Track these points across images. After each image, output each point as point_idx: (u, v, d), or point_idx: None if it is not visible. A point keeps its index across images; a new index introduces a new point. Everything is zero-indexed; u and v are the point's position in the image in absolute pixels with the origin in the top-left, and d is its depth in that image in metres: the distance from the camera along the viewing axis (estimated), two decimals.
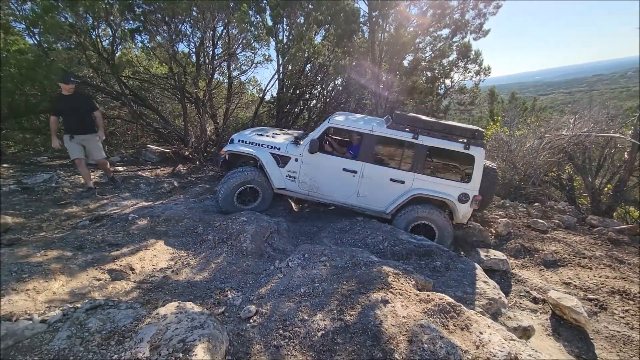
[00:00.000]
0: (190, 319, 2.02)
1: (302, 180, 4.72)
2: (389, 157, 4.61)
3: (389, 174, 4.53)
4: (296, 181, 4.73)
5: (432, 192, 4.44)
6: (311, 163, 4.64)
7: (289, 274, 2.91)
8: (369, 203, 4.67)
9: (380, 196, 4.59)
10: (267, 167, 4.64)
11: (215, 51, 7.73)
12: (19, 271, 2.62)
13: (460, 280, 3.30)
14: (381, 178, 4.53)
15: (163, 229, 3.90)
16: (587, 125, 7.39)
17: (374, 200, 4.63)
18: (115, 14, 6.34)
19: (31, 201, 4.39)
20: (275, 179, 4.68)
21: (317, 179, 4.69)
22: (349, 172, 4.58)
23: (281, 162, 4.71)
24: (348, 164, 4.59)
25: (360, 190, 4.62)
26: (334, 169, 4.61)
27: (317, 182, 4.70)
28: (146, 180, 5.93)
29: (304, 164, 4.65)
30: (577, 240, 5.11)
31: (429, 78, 9.86)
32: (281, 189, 4.76)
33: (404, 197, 4.48)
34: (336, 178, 4.62)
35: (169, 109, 9.53)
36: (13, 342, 1.85)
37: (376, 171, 4.54)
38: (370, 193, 4.61)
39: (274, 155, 4.71)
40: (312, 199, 4.82)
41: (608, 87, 64.36)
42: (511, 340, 2.19)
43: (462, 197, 4.40)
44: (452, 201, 4.41)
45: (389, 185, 4.53)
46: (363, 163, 4.55)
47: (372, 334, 2.09)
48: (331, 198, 4.75)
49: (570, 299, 3.44)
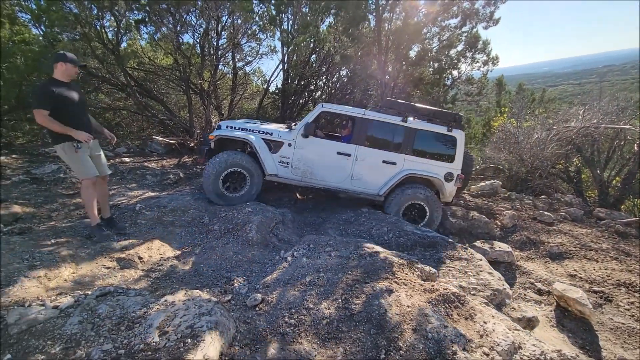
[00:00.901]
0: (198, 306, 2.05)
1: (296, 166, 4.67)
2: (381, 140, 4.77)
3: (381, 156, 4.71)
4: (289, 167, 4.67)
5: (422, 171, 4.72)
6: (305, 147, 4.63)
7: (294, 264, 2.94)
8: (362, 186, 4.77)
9: (374, 178, 4.76)
10: (260, 152, 4.51)
11: (220, 42, 7.71)
12: (30, 259, 2.67)
13: (464, 271, 3.31)
14: (374, 160, 4.71)
15: (170, 219, 3.94)
16: (596, 117, 7.27)
17: (367, 183, 4.76)
18: (120, 4, 6.31)
19: (40, 191, 4.46)
20: (268, 164, 4.56)
21: (311, 163, 4.67)
22: (343, 155, 4.67)
23: (273, 148, 4.62)
24: (342, 148, 4.69)
25: (354, 173, 4.72)
26: (328, 152, 4.67)
27: (311, 167, 4.68)
28: (152, 172, 5.97)
29: (297, 148, 4.62)
30: (584, 232, 5.07)
31: (436, 69, 9.72)
32: (273, 175, 4.63)
33: (396, 177, 4.70)
34: (330, 162, 4.67)
35: (174, 100, 9.54)
36: (27, 326, 1.90)
37: (369, 153, 4.69)
38: (364, 175, 4.74)
39: (265, 141, 4.60)
40: (305, 184, 4.75)
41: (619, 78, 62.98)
42: (515, 330, 2.21)
43: (447, 176, 4.75)
44: (440, 179, 4.72)
45: (381, 167, 4.72)
46: (357, 146, 4.68)
47: (376, 322, 2.12)
48: (325, 183, 4.74)
49: (576, 290, 3.44)
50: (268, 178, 4.66)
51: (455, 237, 4.89)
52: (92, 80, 7.47)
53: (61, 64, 3.08)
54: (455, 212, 5.41)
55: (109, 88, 7.98)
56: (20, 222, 3.52)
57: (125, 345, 1.76)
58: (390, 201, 4.73)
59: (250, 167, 4.53)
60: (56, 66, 3.09)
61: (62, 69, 3.09)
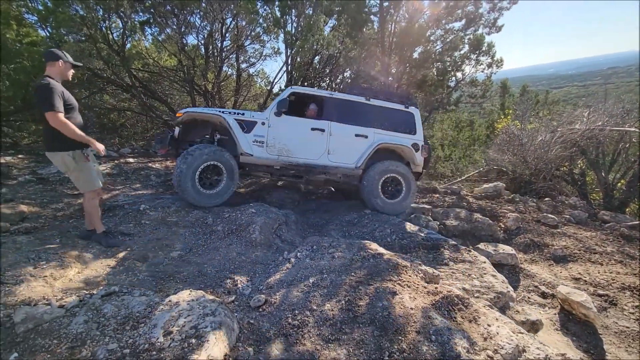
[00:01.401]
0: (202, 306, 2.06)
1: (271, 144, 4.62)
2: (351, 116, 5.00)
3: (353, 130, 4.94)
4: (264, 146, 4.59)
5: (393, 141, 5.07)
6: (279, 126, 4.64)
7: (297, 265, 2.94)
8: (339, 160, 4.89)
9: (349, 152, 4.94)
10: (234, 129, 4.40)
11: (224, 43, 7.75)
12: (36, 258, 2.70)
13: (468, 273, 3.30)
14: (347, 134, 4.91)
15: (174, 219, 3.96)
16: (601, 119, 7.23)
17: (343, 156, 4.91)
18: (125, 5, 6.36)
19: (46, 191, 4.50)
20: (243, 143, 4.45)
21: (286, 141, 4.68)
22: (317, 130, 4.78)
23: (246, 128, 4.54)
24: (316, 124, 4.81)
25: (330, 147, 4.83)
26: (303, 129, 4.76)
27: (287, 145, 4.68)
28: (156, 172, 6.01)
29: (271, 127, 4.61)
30: (588, 235, 5.04)
31: (440, 71, 9.71)
32: (248, 155, 4.50)
33: (370, 148, 4.93)
34: (306, 138, 4.75)
35: (177, 101, 9.60)
36: (33, 325, 1.92)
37: (342, 128, 4.90)
38: (340, 149, 4.88)
39: (238, 122, 4.50)
40: (282, 163, 4.70)
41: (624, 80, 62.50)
42: (519, 333, 2.20)
43: (414, 146, 5.18)
44: (410, 148, 5.11)
45: (355, 141, 4.94)
46: (329, 122, 4.85)
47: (380, 324, 2.12)
48: (303, 160, 4.76)
49: (580, 294, 3.42)
50: (243, 160, 4.56)
51: (458, 240, 4.87)
52: (98, 81, 7.53)
53: (62, 63, 2.84)
54: (459, 214, 5.40)
55: (113, 89, 8.05)
56: (27, 222, 3.55)
57: (130, 345, 1.77)
58: (368, 175, 4.91)
59: (228, 159, 4.37)
60: (54, 64, 2.81)
61: (60, 68, 2.84)
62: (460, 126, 13.86)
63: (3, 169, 4.81)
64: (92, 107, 8.31)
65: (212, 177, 4.38)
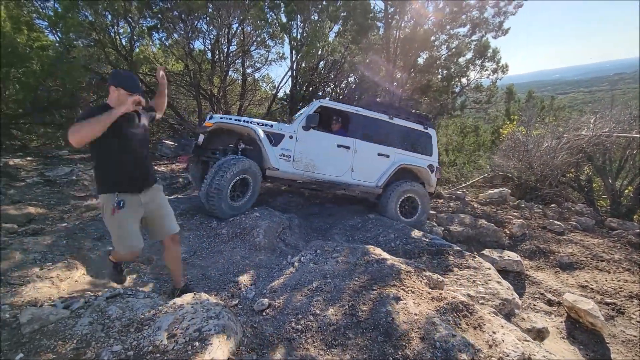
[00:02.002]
0: (206, 309, 2.07)
1: (298, 159, 4.53)
2: (374, 134, 5.04)
3: (376, 149, 4.99)
4: (291, 160, 4.49)
5: (413, 163, 5.15)
6: (307, 140, 4.59)
7: (301, 269, 2.94)
8: (361, 178, 4.91)
9: (371, 170, 4.98)
10: (264, 142, 4.27)
11: (230, 48, 7.84)
12: (42, 259, 2.73)
13: (473, 280, 3.27)
14: (370, 153, 4.96)
15: (178, 222, 3.97)
16: (608, 125, 7.17)
17: (366, 175, 4.93)
18: (133, 11, 6.47)
19: (53, 193, 4.55)
20: (272, 157, 4.34)
21: (313, 156, 4.63)
22: (343, 147, 4.78)
23: (274, 141, 4.42)
24: (342, 140, 4.80)
25: (354, 165, 4.84)
26: (329, 145, 4.75)
27: (313, 160, 4.63)
28: (162, 175, 6.06)
29: (299, 141, 4.55)
30: (595, 242, 4.98)
31: (445, 76, 9.71)
32: (274, 169, 4.39)
33: (391, 168, 5.02)
34: (332, 154, 4.74)
35: (184, 105, 9.71)
36: (39, 326, 1.94)
37: (366, 147, 4.92)
38: (363, 168, 4.90)
39: (266, 133, 4.37)
40: (306, 179, 4.63)
41: (630, 86, 62.01)
42: (525, 341, 2.17)
43: (430, 167, 5.27)
44: (427, 169, 5.20)
45: (377, 160, 5.00)
46: (354, 139, 4.84)
47: (383, 329, 2.10)
48: (326, 177, 4.73)
49: (587, 302, 3.37)
50: (269, 174, 4.43)
51: (463, 245, 4.83)
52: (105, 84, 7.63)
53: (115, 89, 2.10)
54: (463, 220, 5.37)
55: None
56: (34, 223, 3.59)
57: (134, 347, 1.78)
58: (388, 195, 4.93)
59: (256, 172, 4.26)
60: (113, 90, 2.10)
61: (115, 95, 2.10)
62: (465, 131, 13.82)
63: (11, 171, 4.88)
64: None
65: (238, 189, 4.24)
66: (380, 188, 4.98)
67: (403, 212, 5.08)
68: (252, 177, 4.24)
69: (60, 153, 6.65)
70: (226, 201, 4.01)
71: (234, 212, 4.11)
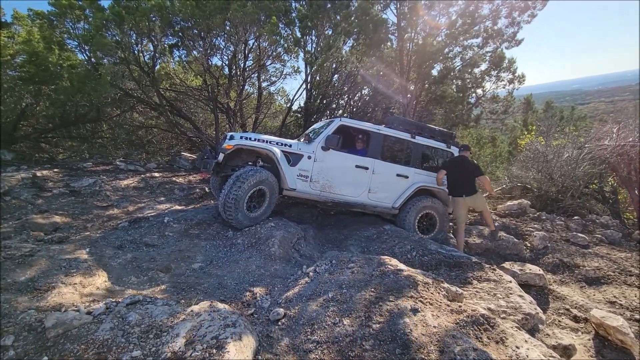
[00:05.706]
0: (223, 317, 2.08)
1: (315, 179, 4.51)
2: (394, 154, 4.99)
3: (395, 169, 4.90)
4: (308, 180, 4.48)
5: (432, 184, 5.05)
6: (325, 160, 4.55)
7: (316, 279, 2.93)
8: (378, 199, 4.84)
9: (389, 192, 4.90)
10: (282, 164, 4.28)
11: (246, 63, 8.06)
12: (67, 266, 2.82)
13: (493, 293, 3.17)
14: (389, 174, 4.87)
15: (195, 232, 4.05)
16: (632, 135, 6.93)
17: (383, 196, 4.86)
18: (156, 30, 6.78)
19: (78, 203, 4.72)
20: (289, 177, 4.34)
21: (330, 176, 4.58)
22: (361, 168, 4.72)
23: (292, 161, 4.42)
24: (360, 161, 4.73)
25: (372, 186, 4.78)
26: (348, 165, 4.69)
27: (330, 181, 4.59)
28: (180, 186, 6.20)
29: (317, 161, 4.50)
30: (623, 256, 4.76)
31: (459, 87, 9.65)
32: (291, 190, 4.40)
33: (409, 190, 4.93)
34: (350, 175, 4.69)
35: (201, 119, 9.99)
36: (63, 330, 1.99)
37: (385, 167, 4.84)
38: (380, 189, 4.83)
39: (284, 153, 4.38)
40: (322, 199, 4.61)
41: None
42: (551, 357, 2.08)
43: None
44: (445, 190, 5.03)
45: (396, 180, 4.91)
46: (373, 160, 4.76)
47: (401, 342, 2.06)
48: (343, 197, 4.68)
49: (616, 318, 3.20)
50: (286, 193, 4.45)
51: (482, 258, 4.70)
52: (129, 100, 7.97)
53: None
54: (482, 232, 5.24)
55: (143, 107, 8.47)
56: (59, 232, 3.73)
57: (153, 353, 1.81)
58: (406, 212, 4.87)
59: (273, 184, 4.29)
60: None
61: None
62: (481, 142, 13.60)
63: (40, 182, 5.10)
64: (122, 125, 8.77)
65: (255, 200, 4.27)
66: (396, 209, 4.92)
67: (421, 228, 4.99)
68: (269, 189, 4.27)
69: (84, 165, 6.92)
70: (243, 211, 4.06)
71: (250, 222, 4.13)
